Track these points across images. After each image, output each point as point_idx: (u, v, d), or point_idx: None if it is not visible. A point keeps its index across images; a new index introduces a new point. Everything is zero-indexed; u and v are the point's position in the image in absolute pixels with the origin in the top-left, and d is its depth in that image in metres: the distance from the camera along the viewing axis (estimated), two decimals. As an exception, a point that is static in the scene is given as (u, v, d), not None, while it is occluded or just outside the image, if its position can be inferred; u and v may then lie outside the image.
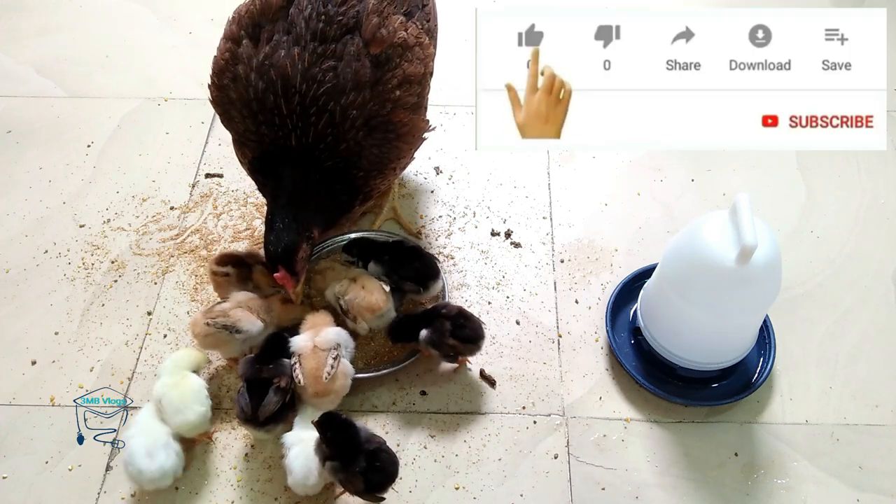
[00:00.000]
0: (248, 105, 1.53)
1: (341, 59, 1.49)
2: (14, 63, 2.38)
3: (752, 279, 1.41)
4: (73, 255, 1.90)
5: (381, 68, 1.51)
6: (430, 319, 1.60)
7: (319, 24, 1.50)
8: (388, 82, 1.52)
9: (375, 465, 1.39)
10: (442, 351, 1.60)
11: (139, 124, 2.21)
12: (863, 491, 1.53)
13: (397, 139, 1.58)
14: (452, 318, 1.60)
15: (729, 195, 2.01)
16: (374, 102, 1.51)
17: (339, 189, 1.58)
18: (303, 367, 1.50)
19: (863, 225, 1.98)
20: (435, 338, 1.58)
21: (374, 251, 1.74)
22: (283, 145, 1.53)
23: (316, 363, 1.50)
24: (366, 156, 1.56)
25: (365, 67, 1.49)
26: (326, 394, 1.49)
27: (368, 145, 1.54)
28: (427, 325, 1.59)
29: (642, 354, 1.69)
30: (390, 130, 1.56)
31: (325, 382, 1.49)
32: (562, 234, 1.95)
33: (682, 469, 1.56)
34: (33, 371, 1.70)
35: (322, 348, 1.52)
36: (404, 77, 1.53)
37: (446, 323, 1.58)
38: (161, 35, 2.48)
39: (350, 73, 1.48)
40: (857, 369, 1.71)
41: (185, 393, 1.51)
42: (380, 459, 1.40)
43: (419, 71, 1.56)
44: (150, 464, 1.42)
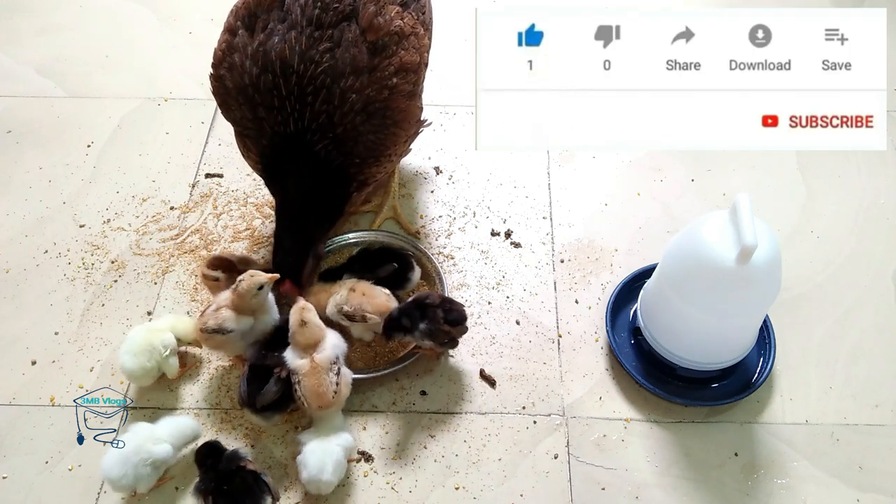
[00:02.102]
0: (245, 92, 1.55)
1: (339, 44, 1.51)
2: (14, 63, 2.38)
3: (752, 279, 1.41)
4: (73, 255, 1.90)
5: (378, 55, 1.53)
6: (423, 310, 1.60)
7: (315, 10, 1.52)
8: (384, 69, 1.53)
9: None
10: (438, 339, 1.59)
11: (139, 124, 2.21)
12: (863, 491, 1.53)
13: (394, 125, 1.60)
14: (440, 305, 1.60)
15: (729, 195, 2.01)
16: (371, 88, 1.53)
17: (333, 182, 1.59)
18: (304, 387, 1.48)
19: (863, 225, 1.97)
20: (431, 328, 1.58)
21: (343, 269, 1.73)
22: (283, 133, 1.55)
23: (317, 380, 1.48)
24: (362, 142, 1.57)
25: (362, 53, 1.51)
26: (330, 406, 1.49)
27: (365, 131, 1.56)
28: (421, 317, 1.59)
29: (642, 354, 1.69)
30: (388, 116, 1.57)
31: (330, 400, 1.47)
32: (562, 234, 1.95)
33: (682, 469, 1.56)
34: (33, 371, 1.70)
35: (322, 365, 1.49)
36: (401, 65, 1.55)
37: (438, 311, 1.58)
38: (161, 35, 2.48)
39: (348, 57, 1.50)
40: (857, 369, 1.71)
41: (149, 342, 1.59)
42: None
43: (415, 60, 1.58)
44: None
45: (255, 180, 2.06)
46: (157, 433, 1.47)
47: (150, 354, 1.58)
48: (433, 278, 1.80)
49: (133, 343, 1.59)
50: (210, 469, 1.44)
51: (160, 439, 1.46)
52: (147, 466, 1.44)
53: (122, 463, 1.43)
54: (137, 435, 1.46)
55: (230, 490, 1.41)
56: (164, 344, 1.60)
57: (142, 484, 1.46)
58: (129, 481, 1.44)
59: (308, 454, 1.46)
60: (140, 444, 1.44)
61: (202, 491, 1.42)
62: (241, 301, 1.55)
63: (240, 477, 1.42)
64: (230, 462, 1.44)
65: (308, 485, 1.46)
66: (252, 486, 1.42)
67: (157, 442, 1.46)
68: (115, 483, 1.45)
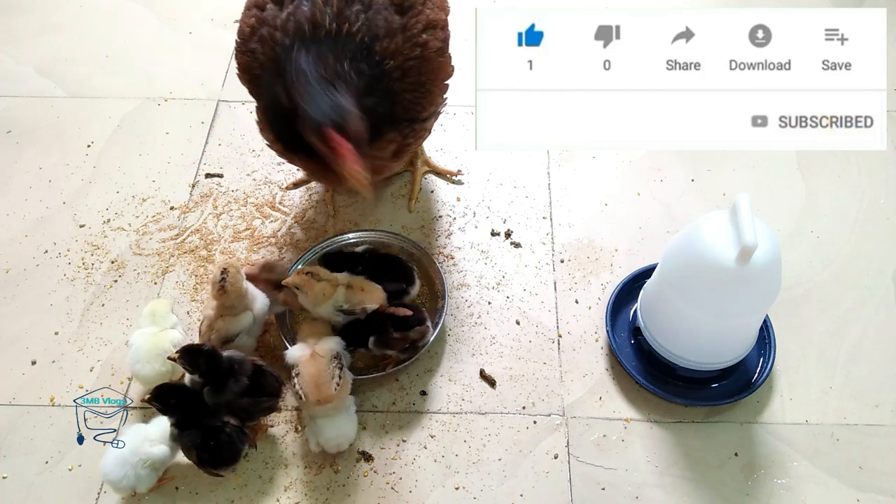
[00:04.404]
0: (277, 62, 1.52)
1: (369, 7, 1.52)
2: (14, 63, 2.38)
3: (752, 279, 1.41)
4: (73, 255, 1.90)
5: (405, 14, 1.55)
6: (376, 324, 1.60)
7: None
8: (413, 27, 1.55)
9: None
10: (395, 347, 1.60)
11: (139, 124, 2.21)
12: (863, 491, 1.53)
13: (429, 82, 1.60)
14: (391, 315, 1.60)
15: (729, 195, 2.01)
16: (405, 47, 1.54)
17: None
18: (303, 378, 1.49)
19: (863, 225, 1.97)
20: (383, 340, 1.59)
21: (347, 263, 1.73)
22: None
23: (316, 369, 1.49)
24: (399, 102, 1.57)
25: (392, 15, 1.53)
26: (329, 401, 1.48)
27: (401, 90, 1.56)
28: (372, 332, 1.60)
29: (642, 354, 1.69)
30: (422, 73, 1.58)
31: (331, 392, 1.47)
32: (562, 234, 1.95)
33: (682, 469, 1.56)
34: (33, 371, 1.70)
35: (322, 355, 1.51)
36: (428, 22, 1.57)
37: (387, 321, 1.59)
38: (161, 35, 2.48)
39: (381, 20, 1.51)
40: (857, 369, 1.71)
41: (157, 346, 1.57)
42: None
43: (441, 17, 1.61)
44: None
45: (255, 180, 2.06)
46: (153, 434, 1.47)
47: (162, 358, 1.55)
48: (433, 278, 1.80)
49: (141, 351, 1.57)
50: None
51: (156, 440, 1.46)
52: (146, 468, 1.45)
53: (121, 465, 1.44)
54: (133, 437, 1.46)
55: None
56: (174, 343, 1.58)
57: (142, 484, 1.46)
58: (129, 482, 1.44)
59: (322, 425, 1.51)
60: (137, 446, 1.45)
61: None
62: (230, 300, 1.56)
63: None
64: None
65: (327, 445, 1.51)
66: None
67: (153, 443, 1.46)
68: (115, 485, 1.45)
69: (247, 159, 2.11)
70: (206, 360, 1.46)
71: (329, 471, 1.55)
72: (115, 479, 1.44)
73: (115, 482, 1.44)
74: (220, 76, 2.32)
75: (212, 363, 1.46)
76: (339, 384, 1.48)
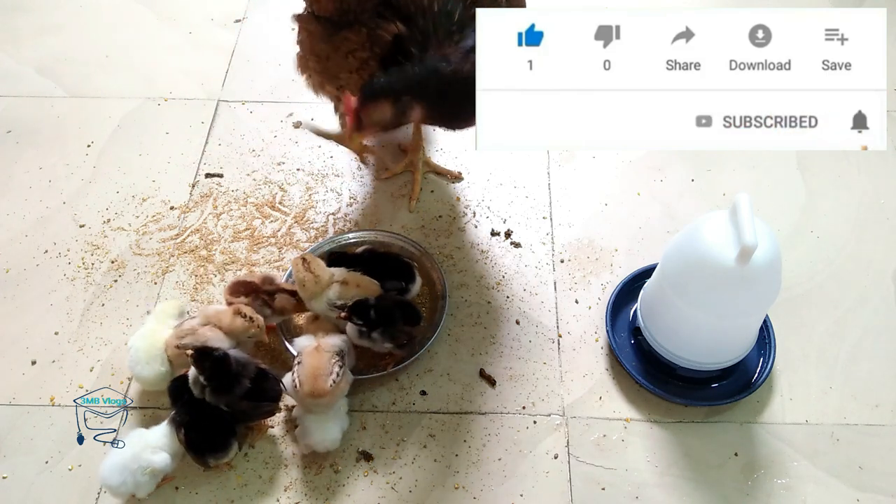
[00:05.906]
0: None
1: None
2: (14, 63, 2.38)
3: (752, 279, 1.41)
4: (73, 255, 1.91)
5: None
6: (387, 313, 1.60)
7: None
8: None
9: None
10: (397, 341, 1.61)
11: (139, 124, 2.21)
12: (863, 491, 1.53)
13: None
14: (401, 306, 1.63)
15: (729, 195, 2.01)
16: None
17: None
18: (302, 368, 1.49)
19: (863, 225, 1.98)
20: (389, 332, 1.60)
21: (345, 263, 1.72)
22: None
23: (317, 362, 1.49)
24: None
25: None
26: (322, 395, 1.47)
27: None
28: (380, 324, 1.60)
29: (642, 354, 1.69)
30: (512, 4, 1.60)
31: (326, 387, 1.47)
32: (562, 234, 1.96)
33: (682, 469, 1.56)
34: (33, 371, 1.70)
35: (326, 350, 1.52)
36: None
37: (396, 313, 1.61)
38: (161, 35, 2.48)
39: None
40: (857, 369, 1.71)
41: (155, 346, 1.57)
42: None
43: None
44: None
45: (255, 180, 2.06)
46: (154, 441, 1.47)
47: (161, 358, 1.56)
48: (434, 278, 1.80)
49: (139, 353, 1.56)
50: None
51: (157, 448, 1.46)
52: (145, 475, 1.44)
53: (120, 471, 1.43)
54: (134, 443, 1.45)
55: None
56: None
57: (140, 491, 1.46)
58: (128, 489, 1.44)
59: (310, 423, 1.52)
60: (138, 453, 1.44)
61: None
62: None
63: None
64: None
65: (317, 446, 1.52)
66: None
67: (154, 451, 1.45)
68: (114, 490, 1.45)
69: (247, 159, 2.11)
70: (212, 365, 1.46)
71: (329, 471, 1.55)
72: (114, 485, 1.43)
73: (114, 488, 1.44)
74: (219, 76, 2.32)
75: (219, 368, 1.47)
76: (336, 381, 1.48)
